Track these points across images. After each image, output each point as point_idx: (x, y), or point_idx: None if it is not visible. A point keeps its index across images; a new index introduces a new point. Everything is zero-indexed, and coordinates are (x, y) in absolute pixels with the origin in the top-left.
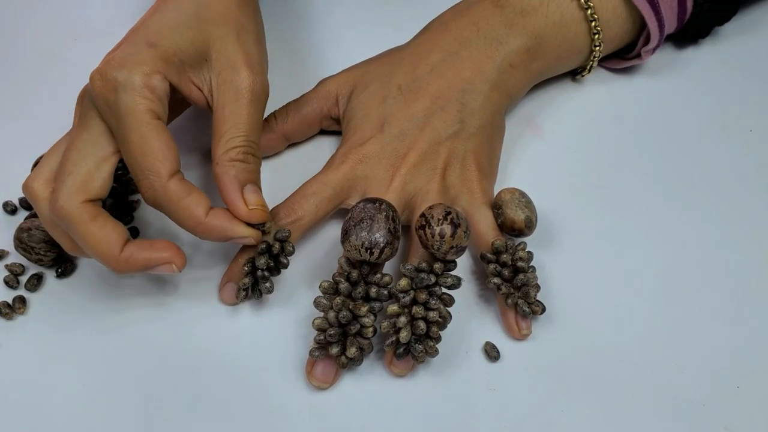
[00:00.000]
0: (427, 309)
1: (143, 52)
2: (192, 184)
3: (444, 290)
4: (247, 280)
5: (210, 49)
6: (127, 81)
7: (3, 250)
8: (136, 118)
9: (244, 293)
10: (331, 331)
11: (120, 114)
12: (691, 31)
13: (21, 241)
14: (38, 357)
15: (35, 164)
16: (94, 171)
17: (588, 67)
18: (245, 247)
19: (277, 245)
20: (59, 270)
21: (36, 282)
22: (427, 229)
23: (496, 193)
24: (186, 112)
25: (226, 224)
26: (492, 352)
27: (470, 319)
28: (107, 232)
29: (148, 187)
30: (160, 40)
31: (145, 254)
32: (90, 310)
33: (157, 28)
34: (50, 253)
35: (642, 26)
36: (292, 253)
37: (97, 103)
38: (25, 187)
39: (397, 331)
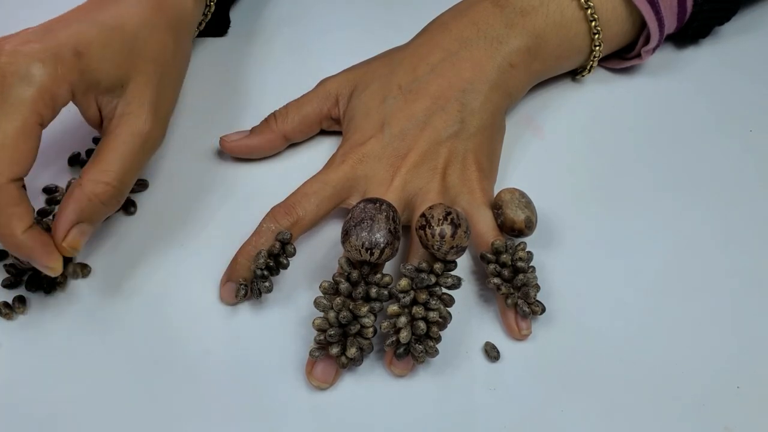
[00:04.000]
0: (427, 309)
1: (65, 57)
2: (26, 198)
3: (444, 290)
4: (246, 276)
5: (129, 79)
6: (36, 76)
7: (3, 251)
8: (21, 113)
9: (243, 291)
10: (331, 331)
11: (7, 100)
12: (691, 31)
13: None
14: (38, 357)
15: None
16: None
17: (588, 67)
18: (245, 247)
19: (277, 245)
20: (45, 284)
21: (35, 282)
22: (427, 229)
23: (496, 193)
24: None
25: (37, 249)
26: (492, 352)
27: (470, 319)
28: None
29: None
30: (87, 51)
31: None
32: (90, 310)
33: (91, 38)
34: (28, 264)
35: (642, 26)
36: (292, 254)
37: None
38: None
39: (397, 331)
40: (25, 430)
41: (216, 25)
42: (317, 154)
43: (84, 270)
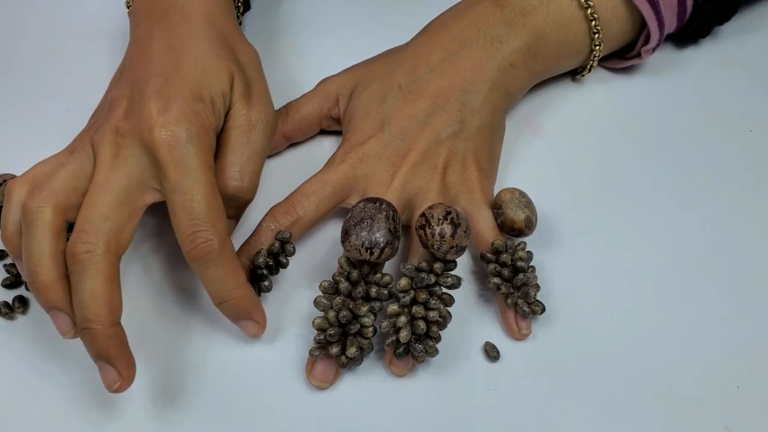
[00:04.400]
0: (427, 309)
1: (199, 109)
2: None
3: (444, 290)
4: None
5: (234, 81)
6: (194, 139)
7: (3, 250)
8: (203, 173)
9: (261, 259)
10: (331, 331)
11: (188, 169)
12: (691, 31)
13: None
14: (38, 357)
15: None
16: (127, 222)
17: (588, 67)
18: (245, 247)
19: (277, 244)
20: None
21: None
22: (427, 228)
23: (496, 192)
24: None
25: (256, 302)
26: (492, 352)
27: (470, 319)
28: (116, 299)
29: (207, 239)
30: (203, 93)
31: (119, 350)
32: None
33: (196, 81)
34: None
35: (642, 26)
36: (292, 253)
37: (160, 154)
38: (28, 206)
39: (397, 330)
40: (25, 430)
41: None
42: (317, 153)
43: None
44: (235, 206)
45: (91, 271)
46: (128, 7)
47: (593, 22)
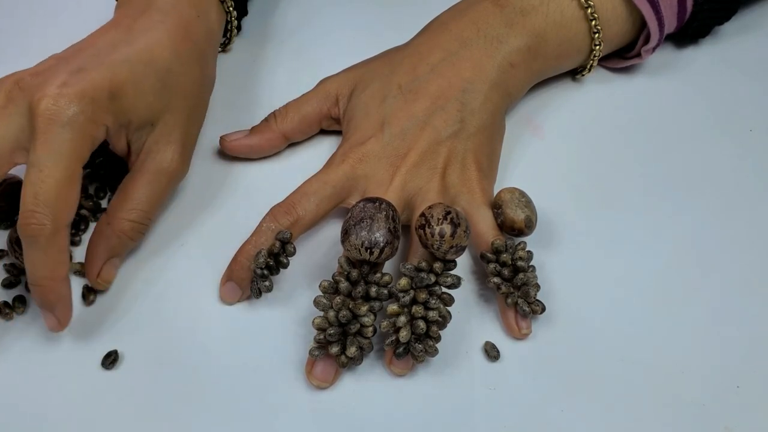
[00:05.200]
0: (427, 308)
1: (101, 102)
2: (68, 244)
3: (444, 290)
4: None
5: (160, 117)
6: (76, 121)
7: (3, 250)
8: (69, 160)
9: (262, 259)
10: (331, 331)
11: (54, 148)
12: (691, 31)
13: (10, 240)
14: (38, 357)
15: None
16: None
17: (588, 67)
18: (245, 247)
19: (277, 244)
20: None
21: None
22: (426, 228)
23: (496, 192)
24: None
25: (65, 299)
26: (492, 352)
27: (470, 318)
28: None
29: (41, 223)
30: (122, 93)
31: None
32: (89, 310)
33: (124, 80)
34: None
35: (642, 25)
36: (293, 253)
37: (37, 123)
38: None
39: (397, 330)
40: (25, 430)
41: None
42: (317, 153)
43: (84, 268)
44: (127, 246)
45: None
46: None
47: (593, 22)
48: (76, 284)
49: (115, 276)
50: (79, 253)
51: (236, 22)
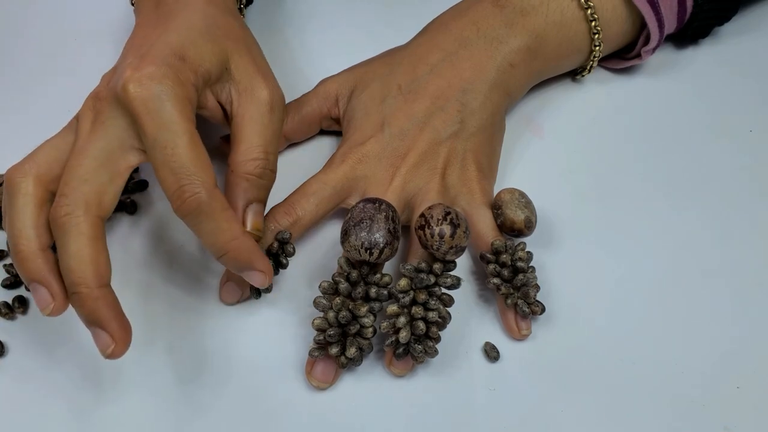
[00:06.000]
0: (427, 309)
1: (177, 65)
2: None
3: (443, 290)
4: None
5: (228, 61)
6: (170, 91)
7: (3, 251)
8: (182, 126)
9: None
10: (331, 331)
11: (164, 121)
12: (691, 31)
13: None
14: (38, 356)
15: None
16: (108, 184)
17: (588, 67)
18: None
19: (276, 245)
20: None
21: None
22: (426, 229)
23: (495, 193)
24: None
25: (257, 251)
26: (492, 352)
27: (470, 319)
28: (102, 259)
29: (193, 192)
30: (187, 53)
31: (109, 312)
32: None
33: (181, 44)
34: None
35: (642, 26)
36: (292, 254)
37: (136, 109)
38: (10, 177)
39: (397, 331)
40: (25, 429)
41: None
42: (317, 154)
43: None
44: (262, 187)
45: (73, 233)
46: (132, 4)
47: (593, 23)
48: None
49: (262, 223)
50: None
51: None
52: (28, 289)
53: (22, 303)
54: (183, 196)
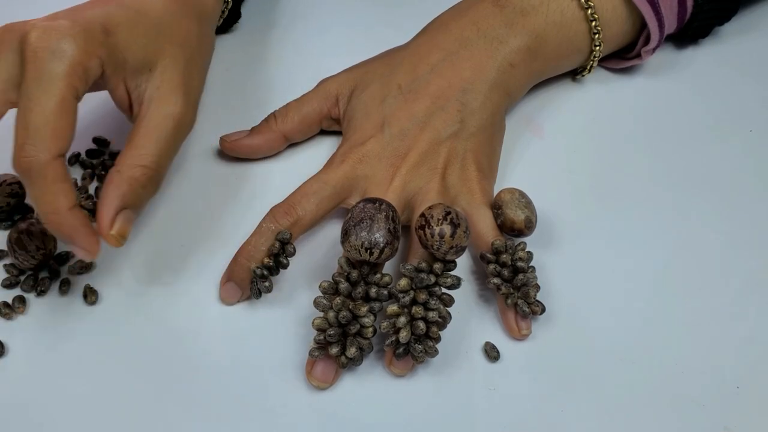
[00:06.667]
0: (427, 309)
1: (95, 34)
2: (69, 175)
3: (444, 290)
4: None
5: (157, 62)
6: (67, 51)
7: (3, 250)
8: (58, 87)
9: (260, 271)
10: (331, 331)
11: (42, 76)
12: (691, 31)
13: (10, 240)
14: (38, 356)
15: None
16: None
17: (588, 67)
18: (245, 248)
19: (277, 245)
20: (39, 288)
21: (32, 282)
22: (426, 229)
23: (496, 193)
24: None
25: (80, 229)
26: (492, 352)
27: (470, 319)
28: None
29: (31, 155)
30: (116, 30)
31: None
32: (89, 309)
33: (118, 20)
34: (28, 263)
35: (642, 26)
36: (292, 254)
37: (25, 54)
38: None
39: (397, 331)
40: (25, 429)
41: (228, 19)
42: (317, 154)
43: (90, 266)
44: (141, 196)
45: None
46: None
47: (593, 23)
48: (79, 283)
49: (129, 232)
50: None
51: (230, 3)
52: (26, 290)
53: (22, 303)
54: (20, 153)
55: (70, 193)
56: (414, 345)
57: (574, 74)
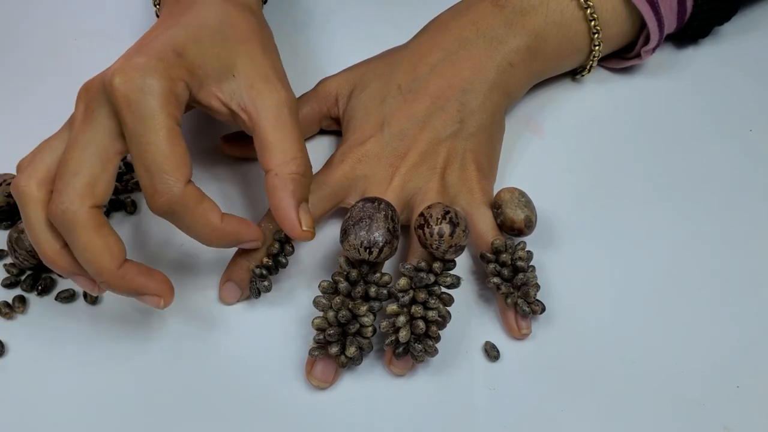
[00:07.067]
0: (427, 308)
1: (170, 60)
2: (203, 192)
3: (443, 290)
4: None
5: (236, 63)
6: (154, 84)
7: (3, 250)
8: (160, 121)
9: (260, 271)
10: (331, 331)
11: (142, 115)
12: (691, 31)
13: (11, 240)
14: (38, 356)
15: (19, 168)
16: (100, 172)
17: (588, 67)
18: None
19: (276, 245)
20: (39, 287)
21: (32, 282)
22: (425, 228)
23: (495, 192)
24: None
25: (241, 229)
26: (492, 352)
27: (470, 318)
28: (110, 243)
29: (165, 192)
30: (186, 51)
31: (141, 279)
32: (89, 310)
33: (184, 40)
34: (28, 263)
35: (642, 26)
36: (291, 253)
37: (117, 101)
38: (15, 187)
39: (397, 330)
40: (25, 429)
41: None
42: (317, 154)
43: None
44: (305, 186)
45: (76, 227)
46: (155, 6)
47: (593, 23)
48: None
49: (312, 218)
50: None
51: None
52: (26, 290)
53: (22, 302)
54: (156, 196)
55: (215, 207)
56: (414, 344)
57: (574, 74)
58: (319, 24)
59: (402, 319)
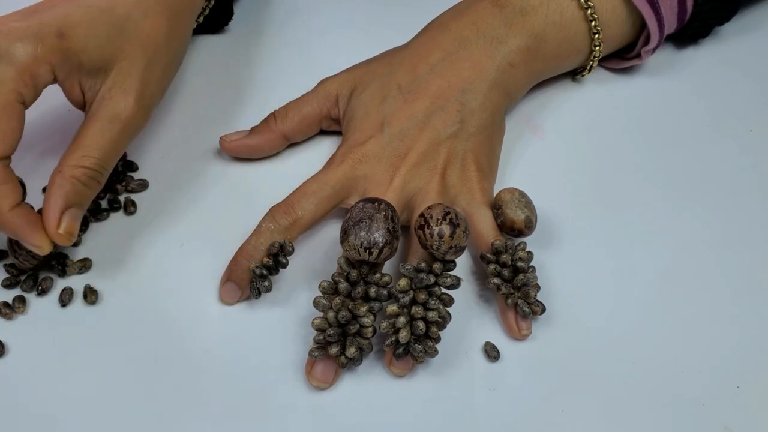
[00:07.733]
0: (427, 309)
1: (48, 37)
2: (14, 175)
3: (443, 290)
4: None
5: (114, 64)
6: (14, 56)
7: (3, 250)
8: (1, 93)
9: (259, 271)
10: (331, 331)
11: None
12: (691, 31)
13: (10, 240)
14: (38, 356)
15: None
16: None
17: (588, 67)
18: (244, 247)
19: (276, 245)
20: (39, 287)
21: (32, 282)
22: (426, 229)
23: (495, 192)
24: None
25: (24, 227)
26: (492, 352)
27: (470, 319)
28: (7, 189)
29: None
30: (71, 33)
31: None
32: (89, 309)
33: (78, 20)
34: (28, 263)
35: (642, 26)
36: (291, 253)
37: None
38: None
39: (397, 331)
40: (25, 429)
41: (219, 17)
42: (317, 154)
43: (86, 263)
44: (85, 195)
45: None
46: None
47: (593, 23)
48: (80, 283)
49: (77, 229)
50: (82, 252)
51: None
52: (26, 290)
53: (21, 302)
54: None
55: (11, 193)
56: (414, 345)
57: (574, 74)
58: (320, 24)
59: (402, 319)
